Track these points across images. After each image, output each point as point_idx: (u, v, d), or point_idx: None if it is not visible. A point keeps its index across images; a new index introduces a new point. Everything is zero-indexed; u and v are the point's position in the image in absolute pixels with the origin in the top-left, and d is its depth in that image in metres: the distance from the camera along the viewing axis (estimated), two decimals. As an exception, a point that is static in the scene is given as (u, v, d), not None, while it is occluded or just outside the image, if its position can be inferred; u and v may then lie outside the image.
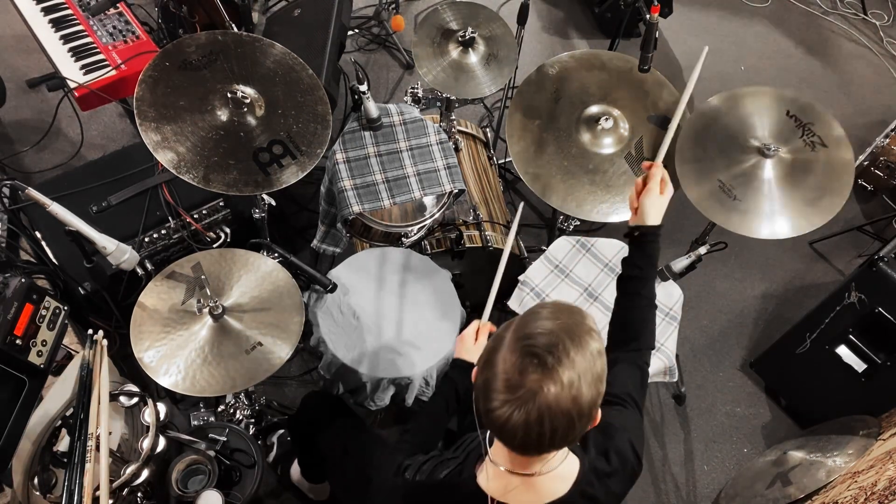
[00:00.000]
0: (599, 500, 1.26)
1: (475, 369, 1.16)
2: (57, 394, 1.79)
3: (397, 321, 2.09)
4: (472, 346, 1.67)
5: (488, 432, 1.25)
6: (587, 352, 1.06)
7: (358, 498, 1.81)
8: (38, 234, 2.32)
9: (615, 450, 1.30)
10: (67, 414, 1.76)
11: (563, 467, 1.21)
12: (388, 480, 1.35)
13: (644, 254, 1.52)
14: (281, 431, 2.45)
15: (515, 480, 1.21)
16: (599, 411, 1.11)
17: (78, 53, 2.53)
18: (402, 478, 1.33)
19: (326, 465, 1.99)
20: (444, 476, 1.29)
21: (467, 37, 2.34)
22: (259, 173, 1.87)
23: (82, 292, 2.26)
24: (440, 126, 2.43)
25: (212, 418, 2.33)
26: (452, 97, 2.43)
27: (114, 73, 2.49)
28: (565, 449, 1.20)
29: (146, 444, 1.72)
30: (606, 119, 2.28)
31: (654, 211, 1.53)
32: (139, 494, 1.76)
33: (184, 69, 1.89)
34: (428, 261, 2.22)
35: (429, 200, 2.32)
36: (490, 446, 1.25)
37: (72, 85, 2.43)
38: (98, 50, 2.55)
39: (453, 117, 2.57)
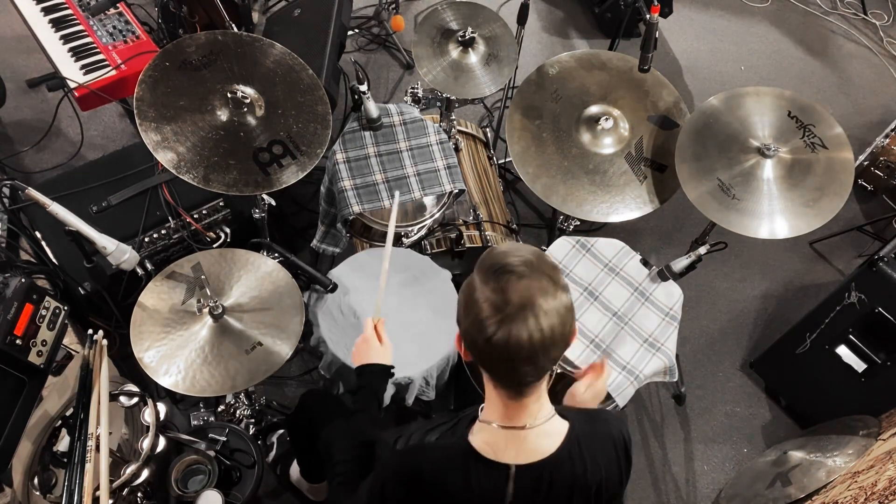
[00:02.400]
0: (587, 462, 1.29)
1: (458, 337, 1.21)
2: (57, 394, 1.79)
3: (397, 321, 2.09)
4: (380, 346, 1.65)
5: (480, 406, 1.29)
6: (544, 256, 1.18)
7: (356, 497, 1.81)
8: (38, 234, 2.32)
9: (602, 422, 1.37)
10: (67, 414, 1.76)
11: (550, 424, 1.26)
12: (382, 457, 1.36)
13: None
14: (281, 431, 2.45)
15: (506, 437, 1.24)
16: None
17: (78, 53, 2.53)
18: (393, 449, 1.34)
19: (325, 464, 1.99)
20: (436, 438, 1.30)
21: (467, 37, 2.34)
22: (259, 173, 1.87)
23: (82, 292, 2.26)
24: (440, 126, 2.43)
25: (212, 418, 2.33)
26: (452, 97, 2.43)
27: (114, 73, 2.48)
28: (551, 408, 1.26)
29: (146, 444, 1.72)
30: (606, 119, 2.29)
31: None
32: (139, 494, 1.76)
33: (184, 69, 1.89)
34: (428, 261, 2.22)
35: (429, 200, 2.32)
36: (481, 411, 1.28)
37: (72, 85, 2.43)
38: (98, 50, 2.55)
39: (453, 117, 2.57)
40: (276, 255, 2.14)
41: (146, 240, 2.33)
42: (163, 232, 2.36)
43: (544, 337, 1.11)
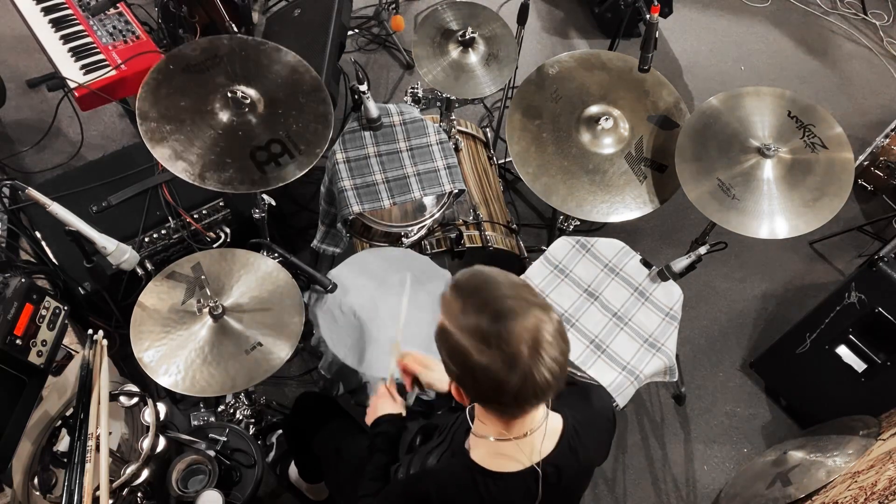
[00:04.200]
0: (587, 447, 1.31)
1: (455, 389, 1.20)
2: (57, 394, 1.79)
3: (398, 321, 2.09)
4: (394, 402, 1.65)
5: (468, 409, 1.29)
6: (516, 279, 1.14)
7: (354, 498, 1.81)
8: (38, 234, 2.32)
9: (592, 402, 1.38)
10: (67, 414, 1.76)
11: (547, 423, 1.25)
12: (385, 487, 1.37)
13: None
14: (280, 431, 2.45)
15: (507, 446, 1.23)
16: None
17: (78, 53, 2.53)
18: (395, 479, 1.33)
19: (322, 466, 1.99)
20: (438, 461, 1.30)
21: (467, 37, 2.33)
22: (256, 171, 1.86)
23: (82, 292, 2.26)
24: (440, 126, 2.43)
25: (212, 418, 2.33)
26: (452, 97, 2.43)
27: (114, 73, 2.48)
28: (544, 407, 1.25)
29: (146, 444, 1.72)
30: (606, 119, 2.29)
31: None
32: (139, 494, 1.76)
33: (187, 72, 1.89)
34: (428, 261, 2.22)
35: (429, 200, 2.32)
36: (472, 422, 1.28)
37: (72, 85, 2.43)
38: (98, 50, 2.55)
39: (453, 117, 2.57)
40: (276, 255, 2.14)
41: (146, 240, 2.33)
42: (163, 232, 2.36)
43: (561, 364, 1.10)
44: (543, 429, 1.24)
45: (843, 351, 2.42)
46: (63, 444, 1.73)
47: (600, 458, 1.42)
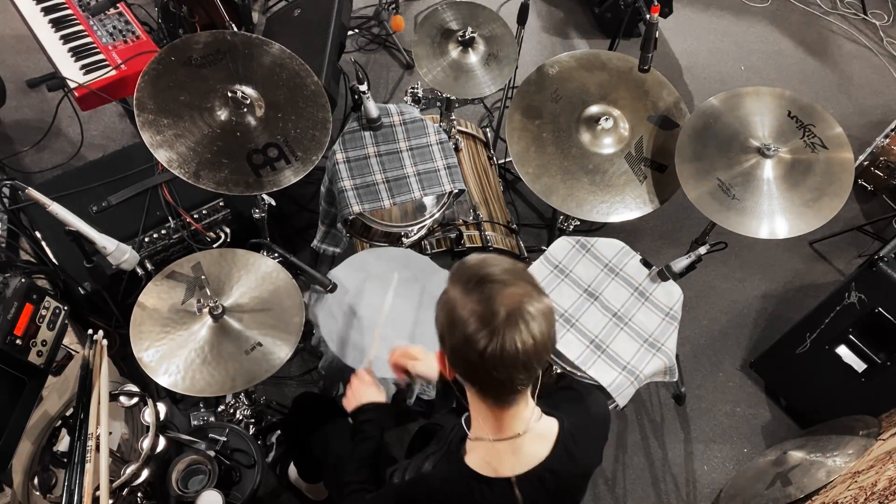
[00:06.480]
0: (583, 452, 1.31)
1: (440, 355, 1.20)
2: (57, 394, 1.79)
3: (398, 321, 2.09)
4: (376, 388, 1.68)
5: (464, 416, 1.29)
6: (520, 263, 1.18)
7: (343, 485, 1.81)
8: (38, 234, 2.32)
9: (588, 407, 1.38)
10: (67, 414, 1.76)
11: (541, 426, 1.25)
12: (379, 493, 1.37)
13: None
14: (280, 432, 2.45)
15: (502, 449, 1.23)
16: None
17: (78, 53, 2.53)
18: (390, 483, 1.33)
19: (320, 466, 1.99)
20: (433, 467, 1.30)
21: (467, 37, 2.34)
22: (251, 174, 1.86)
23: (82, 292, 2.26)
24: (440, 126, 2.43)
25: (212, 418, 2.33)
26: (452, 97, 2.43)
27: (114, 73, 2.48)
28: (537, 408, 1.26)
29: (146, 444, 1.72)
30: (606, 119, 2.29)
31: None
32: (139, 494, 1.76)
33: (188, 65, 1.89)
34: (428, 261, 2.22)
35: (429, 200, 2.32)
36: (468, 428, 1.28)
37: (72, 85, 2.43)
38: (98, 50, 2.55)
39: (453, 117, 2.57)
40: (276, 255, 2.14)
41: (146, 240, 2.33)
42: (163, 232, 2.36)
43: (536, 342, 1.09)
44: (537, 430, 1.24)
45: (843, 351, 2.42)
46: (63, 444, 1.73)
47: (594, 464, 1.42)
